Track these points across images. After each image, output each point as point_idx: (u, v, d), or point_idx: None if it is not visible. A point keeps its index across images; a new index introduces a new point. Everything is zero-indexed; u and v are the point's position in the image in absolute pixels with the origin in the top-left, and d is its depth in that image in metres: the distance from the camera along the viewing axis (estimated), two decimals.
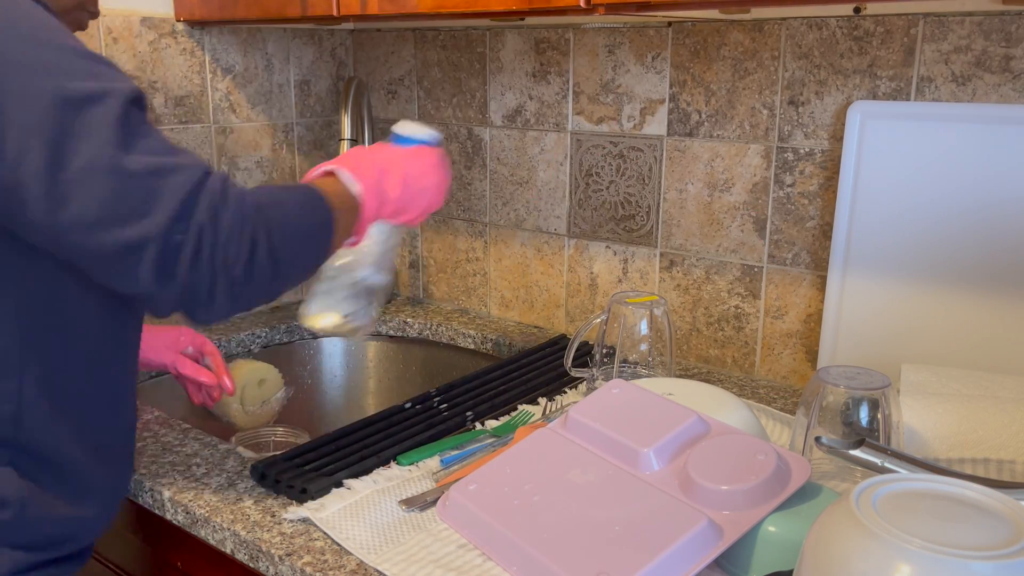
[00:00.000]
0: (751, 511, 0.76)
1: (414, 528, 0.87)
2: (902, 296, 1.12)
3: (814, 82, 1.17)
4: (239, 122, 1.53)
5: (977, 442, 0.89)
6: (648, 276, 1.39)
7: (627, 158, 1.36)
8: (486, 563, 0.81)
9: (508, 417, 1.13)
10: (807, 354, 1.25)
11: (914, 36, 1.09)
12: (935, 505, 0.62)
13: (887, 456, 0.80)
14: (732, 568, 0.78)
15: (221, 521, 0.90)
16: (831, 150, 1.18)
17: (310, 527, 0.88)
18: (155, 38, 1.39)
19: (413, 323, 1.58)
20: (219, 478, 0.98)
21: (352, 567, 0.81)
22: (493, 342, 1.49)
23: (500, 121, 1.50)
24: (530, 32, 1.42)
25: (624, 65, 1.33)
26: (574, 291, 1.48)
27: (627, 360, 1.14)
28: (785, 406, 1.19)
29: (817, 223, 1.21)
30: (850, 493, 0.63)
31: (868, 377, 0.90)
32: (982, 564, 0.56)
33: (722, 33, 1.23)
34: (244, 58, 1.51)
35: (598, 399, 0.96)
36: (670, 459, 0.85)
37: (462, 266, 1.62)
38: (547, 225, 1.49)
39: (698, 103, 1.28)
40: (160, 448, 1.06)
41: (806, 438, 0.91)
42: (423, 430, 1.08)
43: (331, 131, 1.68)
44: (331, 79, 1.66)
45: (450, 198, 1.60)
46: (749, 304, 1.29)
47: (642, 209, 1.37)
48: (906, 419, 0.91)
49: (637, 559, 0.73)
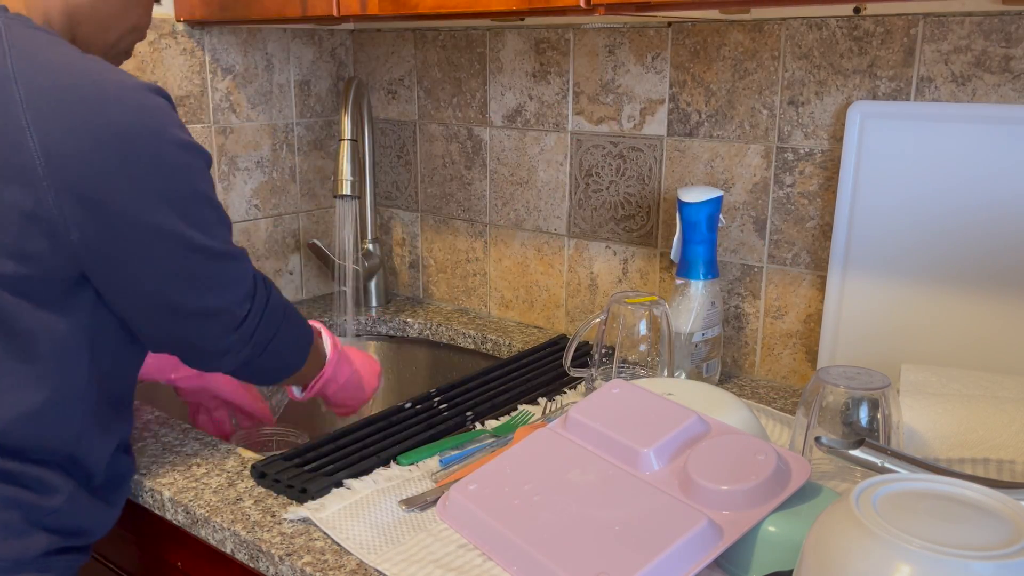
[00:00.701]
0: (751, 511, 0.76)
1: (414, 528, 0.87)
2: (902, 296, 1.12)
3: (814, 82, 1.17)
4: (239, 122, 1.53)
5: (977, 442, 0.89)
6: (648, 276, 1.39)
7: (627, 158, 1.36)
8: (486, 563, 0.81)
9: (508, 417, 1.13)
10: (807, 354, 1.25)
11: (914, 36, 1.09)
12: (935, 505, 0.62)
13: (887, 456, 0.80)
14: (732, 568, 0.78)
15: (221, 521, 0.90)
16: (831, 150, 1.18)
17: (310, 527, 0.88)
18: (155, 38, 1.39)
19: (413, 323, 1.58)
20: (219, 478, 0.98)
21: (352, 567, 0.81)
22: (493, 342, 1.49)
23: (500, 121, 1.50)
24: (530, 32, 1.42)
25: (624, 65, 1.33)
26: (574, 291, 1.48)
27: (626, 360, 1.14)
28: (785, 406, 1.19)
29: (817, 223, 1.21)
30: (850, 493, 0.63)
31: (868, 377, 0.90)
32: (982, 564, 0.56)
33: (722, 33, 1.23)
34: (244, 58, 1.51)
35: (598, 399, 0.96)
36: (670, 459, 0.85)
37: (462, 266, 1.63)
38: (547, 225, 1.49)
39: (698, 103, 1.28)
40: (160, 448, 1.06)
41: (806, 438, 0.91)
42: (423, 430, 1.08)
43: (331, 131, 1.68)
44: (331, 79, 1.66)
45: (450, 199, 1.60)
46: (749, 304, 1.29)
47: (642, 209, 1.37)
48: (906, 419, 0.91)
49: (637, 559, 0.73)
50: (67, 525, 0.88)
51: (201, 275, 0.87)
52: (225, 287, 0.90)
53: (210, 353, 0.93)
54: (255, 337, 0.93)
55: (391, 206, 1.71)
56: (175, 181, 0.83)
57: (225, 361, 0.94)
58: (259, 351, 0.95)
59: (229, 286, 0.90)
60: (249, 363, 0.95)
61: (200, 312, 0.88)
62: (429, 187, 1.63)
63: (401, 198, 1.69)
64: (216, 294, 0.89)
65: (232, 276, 0.90)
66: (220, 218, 0.89)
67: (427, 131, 1.61)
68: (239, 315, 0.91)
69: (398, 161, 1.67)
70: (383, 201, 1.71)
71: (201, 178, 0.86)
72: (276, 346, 0.97)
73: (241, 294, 0.91)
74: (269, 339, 0.95)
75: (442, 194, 1.62)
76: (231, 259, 0.90)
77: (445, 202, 1.62)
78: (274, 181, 1.60)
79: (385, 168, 1.70)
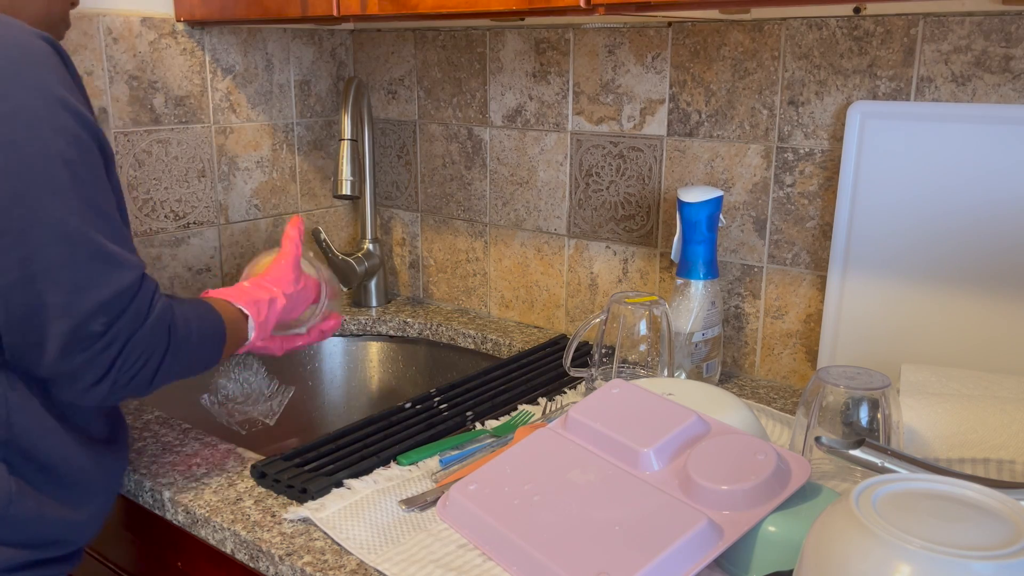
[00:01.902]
0: (751, 511, 0.76)
1: (414, 528, 0.87)
2: (902, 296, 1.12)
3: (814, 82, 1.17)
4: (239, 122, 1.53)
5: (977, 442, 0.89)
6: (648, 276, 1.39)
7: (627, 158, 1.36)
8: (486, 563, 0.81)
9: (508, 417, 1.13)
10: (807, 354, 1.25)
11: (914, 36, 1.09)
12: (935, 505, 0.62)
13: (887, 456, 0.80)
14: (732, 568, 0.78)
15: (221, 521, 0.90)
16: (831, 150, 1.18)
17: (310, 527, 0.88)
18: (155, 38, 1.39)
19: (413, 323, 1.58)
20: (219, 478, 0.98)
21: (352, 567, 0.81)
22: (493, 342, 1.49)
23: (500, 121, 1.50)
24: (530, 32, 1.42)
25: (624, 65, 1.33)
26: (574, 291, 1.48)
27: (626, 360, 1.14)
28: (785, 406, 1.19)
29: (817, 223, 1.21)
30: (850, 493, 0.63)
31: (868, 377, 0.90)
32: (982, 564, 0.56)
33: (722, 33, 1.23)
34: (244, 58, 1.51)
35: (598, 399, 0.96)
36: (670, 459, 0.85)
37: (462, 266, 1.62)
38: (547, 225, 1.49)
39: (698, 103, 1.28)
40: (160, 448, 1.06)
41: (806, 438, 0.91)
42: (423, 430, 1.08)
43: (331, 131, 1.68)
44: (331, 79, 1.66)
45: (450, 199, 1.60)
46: (749, 304, 1.29)
47: (642, 209, 1.37)
48: (906, 419, 0.91)
49: (637, 559, 0.73)
50: (20, 536, 0.83)
51: (40, 254, 0.74)
52: (72, 285, 0.75)
53: (54, 371, 0.77)
54: (115, 369, 0.78)
55: (391, 206, 1.71)
56: (19, 126, 0.73)
57: (77, 389, 0.79)
58: (123, 384, 0.80)
59: (78, 286, 0.75)
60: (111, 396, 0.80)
61: (35, 307, 0.74)
62: (429, 187, 1.63)
63: (401, 198, 1.69)
64: (58, 289, 0.74)
65: (85, 274, 0.75)
66: (89, 200, 0.76)
67: (427, 131, 1.61)
68: (88, 330, 0.76)
69: (398, 161, 1.67)
70: (383, 201, 1.71)
71: (61, 136, 0.75)
72: (160, 374, 0.82)
73: (93, 303, 0.75)
74: (141, 369, 0.80)
75: (442, 194, 1.62)
76: (90, 253, 0.76)
77: (445, 202, 1.62)
78: (274, 181, 1.60)
79: (385, 168, 1.70)
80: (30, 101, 0.74)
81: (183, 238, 1.48)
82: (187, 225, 1.48)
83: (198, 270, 1.50)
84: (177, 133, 1.44)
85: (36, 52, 0.76)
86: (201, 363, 0.90)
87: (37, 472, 0.84)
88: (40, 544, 0.85)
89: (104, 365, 0.77)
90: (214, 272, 1.53)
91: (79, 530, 0.89)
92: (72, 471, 0.86)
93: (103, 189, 0.79)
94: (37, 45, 0.76)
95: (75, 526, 0.88)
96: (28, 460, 0.83)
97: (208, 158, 1.49)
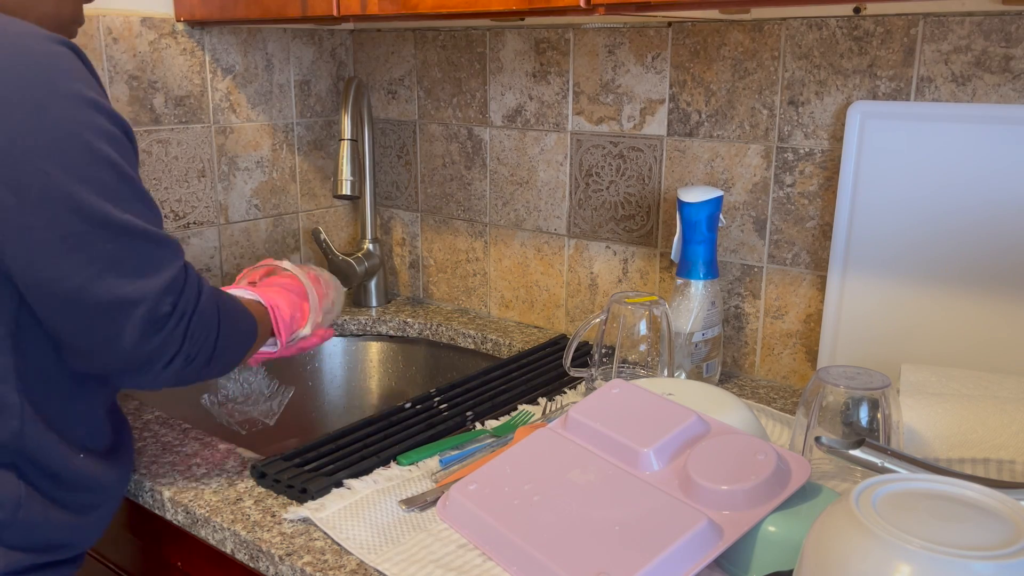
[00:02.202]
0: (751, 511, 0.76)
1: (414, 528, 0.87)
2: (902, 296, 1.12)
3: (814, 82, 1.17)
4: (239, 122, 1.53)
5: (977, 442, 0.89)
6: (648, 276, 1.39)
7: (627, 158, 1.36)
8: (486, 563, 0.81)
9: (508, 417, 1.13)
10: (807, 354, 1.25)
11: (914, 36, 1.09)
12: (935, 505, 0.62)
13: (887, 456, 0.80)
14: (732, 568, 0.78)
15: (221, 521, 0.90)
16: (831, 150, 1.18)
17: (310, 527, 0.88)
18: (155, 38, 1.39)
19: (413, 323, 1.58)
20: (219, 478, 0.98)
21: (352, 567, 0.81)
22: (493, 342, 1.49)
23: (500, 121, 1.50)
24: (530, 32, 1.42)
25: (624, 65, 1.33)
26: (574, 291, 1.48)
27: (626, 360, 1.14)
28: (785, 406, 1.19)
29: (817, 223, 1.21)
30: (850, 493, 0.63)
31: (868, 377, 0.90)
32: (982, 564, 0.56)
33: (722, 33, 1.23)
34: (244, 58, 1.51)
35: (598, 399, 0.96)
36: (670, 459, 0.85)
37: (462, 266, 1.62)
38: (547, 225, 1.49)
39: (698, 103, 1.28)
40: (160, 448, 1.06)
41: (806, 438, 0.91)
42: (423, 430, 1.08)
43: (331, 131, 1.68)
44: (331, 79, 1.66)
45: (450, 199, 1.60)
46: (749, 304, 1.29)
47: (642, 209, 1.37)
48: (906, 419, 0.91)
49: (637, 559, 0.73)
50: (28, 540, 0.84)
51: (102, 251, 0.77)
52: (137, 273, 0.78)
53: (132, 358, 0.80)
54: (187, 343, 0.83)
55: (391, 206, 1.71)
56: (63, 134, 0.75)
57: (154, 371, 0.82)
58: (192, 359, 0.84)
59: (142, 272, 0.79)
60: (183, 373, 0.84)
61: (108, 302, 0.77)
62: (429, 187, 1.63)
63: (401, 198, 1.69)
64: (125, 280, 0.77)
65: (146, 260, 0.79)
66: (135, 192, 0.79)
67: (427, 131, 1.61)
68: (160, 311, 0.80)
69: (398, 161, 1.67)
70: (383, 201, 1.71)
71: (100, 137, 0.77)
72: (218, 351, 0.87)
73: (160, 285, 0.79)
74: (203, 344, 0.84)
75: (442, 194, 1.62)
76: (146, 240, 0.79)
77: (445, 202, 1.62)
78: (274, 181, 1.60)
79: (385, 168, 1.70)
80: (68, 110, 0.76)
81: (183, 238, 1.48)
82: (187, 225, 1.48)
83: (198, 270, 1.50)
84: (177, 133, 1.44)
85: (61, 58, 0.77)
86: (243, 338, 0.93)
87: (45, 479, 0.85)
88: (46, 548, 0.86)
89: (177, 342, 0.82)
90: (214, 272, 1.53)
91: (84, 534, 0.90)
92: (79, 478, 0.88)
93: (140, 179, 0.83)
94: (59, 51, 0.78)
95: (81, 531, 0.89)
96: (37, 467, 0.84)
97: (208, 158, 1.49)
